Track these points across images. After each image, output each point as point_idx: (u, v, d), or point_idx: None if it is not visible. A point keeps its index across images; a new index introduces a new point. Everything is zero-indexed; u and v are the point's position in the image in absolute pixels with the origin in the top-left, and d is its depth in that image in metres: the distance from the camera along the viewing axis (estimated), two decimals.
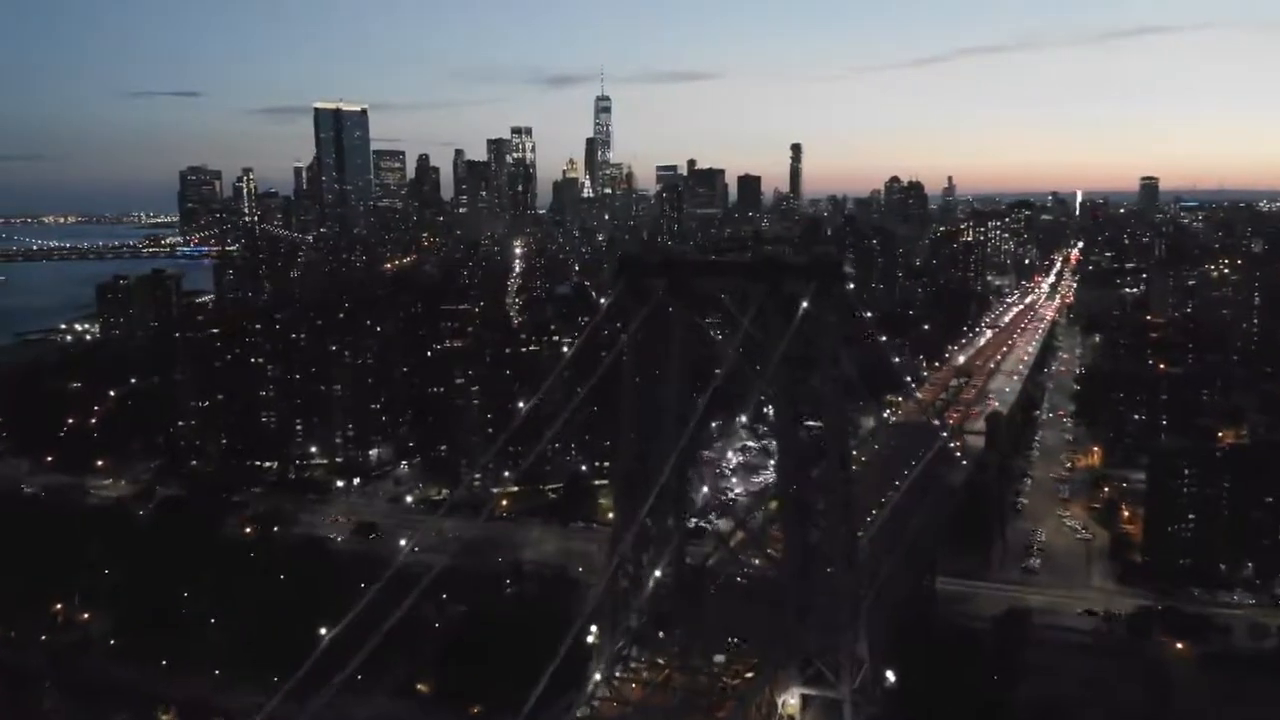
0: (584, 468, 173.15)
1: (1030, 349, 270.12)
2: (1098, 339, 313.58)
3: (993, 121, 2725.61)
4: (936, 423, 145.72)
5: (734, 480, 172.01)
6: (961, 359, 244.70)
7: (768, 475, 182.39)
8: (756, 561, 79.72)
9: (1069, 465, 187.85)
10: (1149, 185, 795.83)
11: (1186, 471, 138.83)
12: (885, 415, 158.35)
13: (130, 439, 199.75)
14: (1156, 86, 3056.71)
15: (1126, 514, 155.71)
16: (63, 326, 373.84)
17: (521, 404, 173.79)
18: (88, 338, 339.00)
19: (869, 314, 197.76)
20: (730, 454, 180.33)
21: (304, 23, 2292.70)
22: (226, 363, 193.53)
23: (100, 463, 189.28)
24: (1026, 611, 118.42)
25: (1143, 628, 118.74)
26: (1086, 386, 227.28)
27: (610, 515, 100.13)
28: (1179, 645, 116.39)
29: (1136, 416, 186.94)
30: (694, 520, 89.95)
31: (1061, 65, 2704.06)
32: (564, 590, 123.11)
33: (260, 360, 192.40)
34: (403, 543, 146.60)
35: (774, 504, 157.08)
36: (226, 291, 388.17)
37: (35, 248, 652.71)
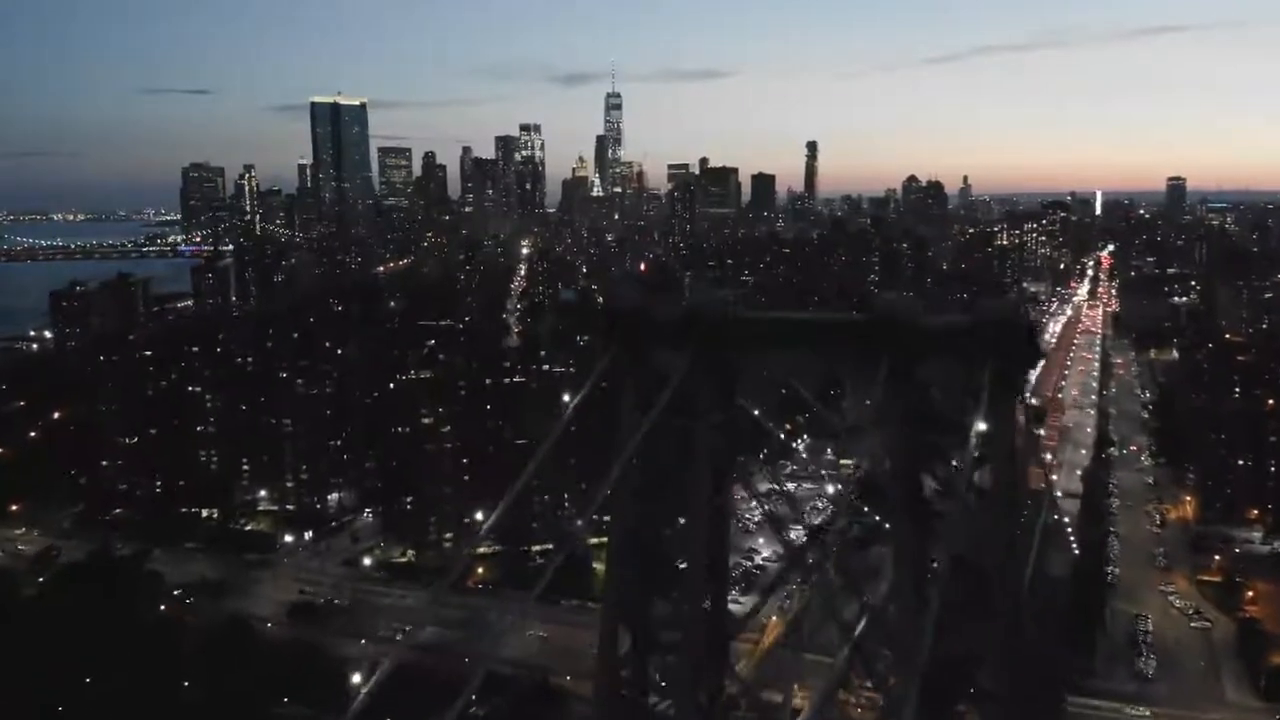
0: (579, 522, 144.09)
1: (1094, 374, 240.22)
2: (1153, 354, 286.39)
3: (1008, 120, 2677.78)
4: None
5: (759, 540, 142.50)
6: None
7: (801, 530, 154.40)
8: None
9: (1158, 519, 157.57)
10: (1176, 185, 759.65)
11: None
12: None
13: (57, 476, 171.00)
14: (1176, 86, 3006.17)
15: (1250, 593, 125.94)
16: (31, 333, 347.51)
17: (504, 441, 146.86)
18: (53, 347, 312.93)
19: None
20: (753, 501, 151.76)
21: (317, 20, 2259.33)
22: (162, 389, 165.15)
23: (15, 507, 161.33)
24: None
25: None
26: (1166, 418, 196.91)
27: None
28: None
29: (1240, 461, 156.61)
30: None
31: (1078, 64, 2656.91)
32: (544, 714, 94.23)
33: (199, 388, 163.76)
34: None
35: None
36: (207, 297, 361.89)
37: (21, 248, 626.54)
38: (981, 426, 29.51)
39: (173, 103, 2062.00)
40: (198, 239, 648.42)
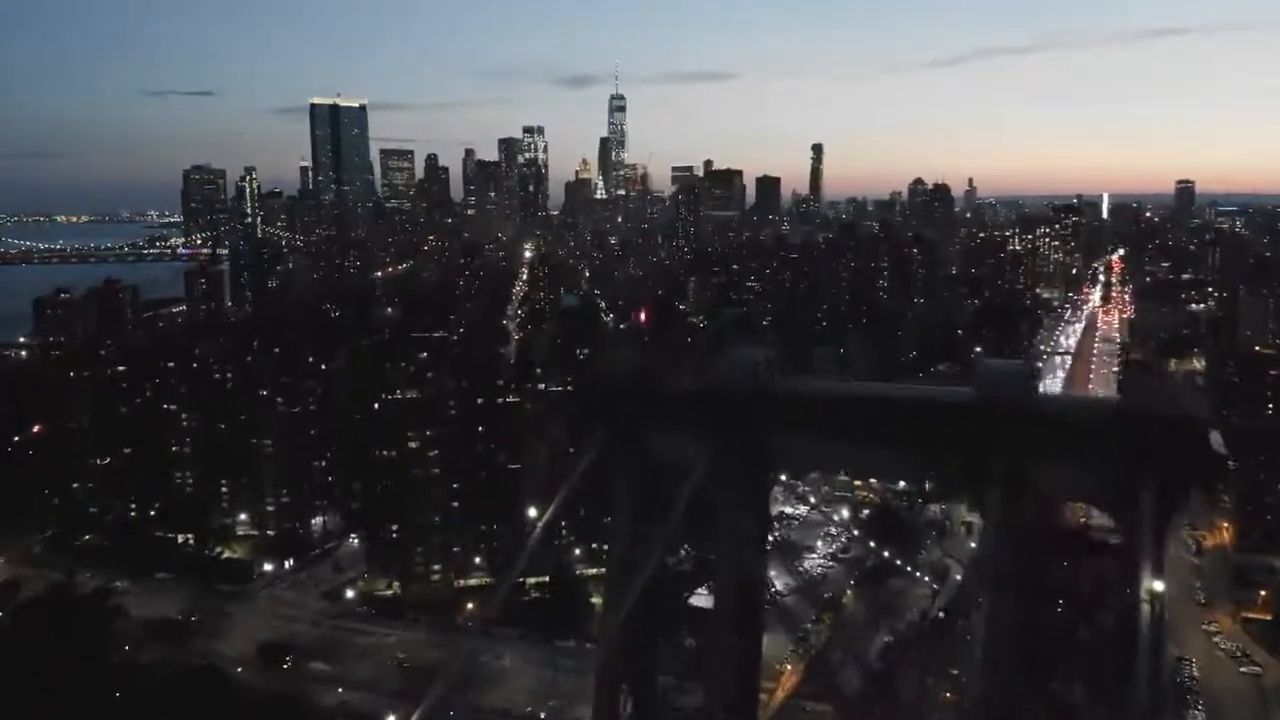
0: (577, 550, 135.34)
1: (1115, 385, 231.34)
2: (1174, 364, 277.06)
3: (1013, 122, 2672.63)
4: None
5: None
6: None
7: (815, 559, 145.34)
8: None
9: (1194, 547, 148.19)
10: (1185, 189, 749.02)
11: None
12: None
13: (30, 497, 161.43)
14: (1180, 88, 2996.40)
15: None
16: (21, 340, 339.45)
17: (496, 465, 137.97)
18: (38, 355, 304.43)
19: None
20: None
21: (321, 21, 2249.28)
22: (138, 404, 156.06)
23: None
24: None
25: None
26: None
27: None
28: None
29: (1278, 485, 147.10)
30: None
31: (1082, 66, 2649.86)
32: None
33: (176, 405, 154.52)
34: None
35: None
36: (200, 302, 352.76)
37: (16, 251, 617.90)
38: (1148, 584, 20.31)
39: (175, 104, 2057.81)
40: (198, 241, 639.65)
